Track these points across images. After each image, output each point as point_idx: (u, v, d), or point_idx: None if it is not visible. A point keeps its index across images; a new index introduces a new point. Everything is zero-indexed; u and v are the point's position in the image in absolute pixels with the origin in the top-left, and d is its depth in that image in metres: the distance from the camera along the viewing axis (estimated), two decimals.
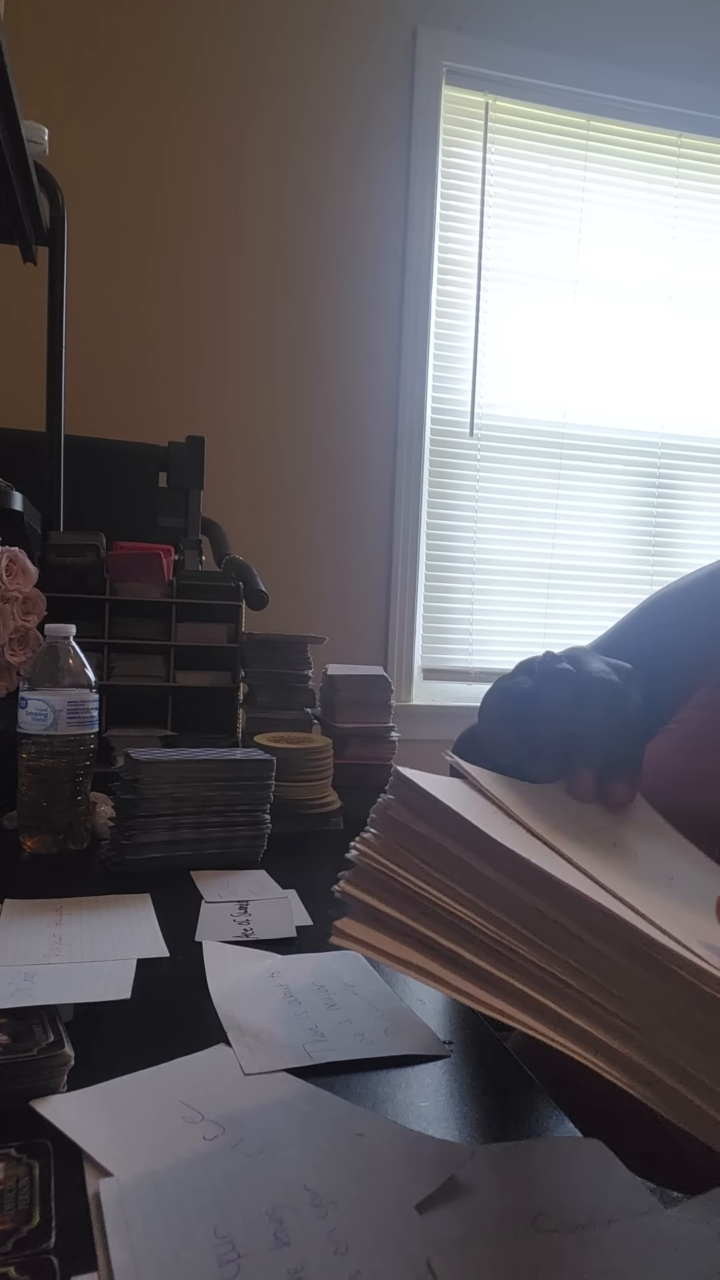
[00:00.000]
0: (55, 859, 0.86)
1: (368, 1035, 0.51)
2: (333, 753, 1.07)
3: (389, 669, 2.19)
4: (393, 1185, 0.37)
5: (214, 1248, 0.33)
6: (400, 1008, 0.55)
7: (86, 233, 1.94)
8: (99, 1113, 0.42)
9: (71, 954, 0.60)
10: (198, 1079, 0.46)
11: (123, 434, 1.77)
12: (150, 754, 0.86)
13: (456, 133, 2.30)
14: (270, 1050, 0.49)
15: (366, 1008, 0.55)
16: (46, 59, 1.99)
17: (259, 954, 0.64)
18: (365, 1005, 0.55)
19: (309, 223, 2.19)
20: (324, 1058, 0.48)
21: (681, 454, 2.48)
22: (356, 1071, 0.48)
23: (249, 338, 2.16)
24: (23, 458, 1.38)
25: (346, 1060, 0.48)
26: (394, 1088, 0.47)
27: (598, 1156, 0.40)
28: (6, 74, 0.88)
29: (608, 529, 2.44)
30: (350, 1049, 0.49)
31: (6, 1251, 0.33)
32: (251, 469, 2.15)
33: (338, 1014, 0.54)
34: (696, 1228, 0.35)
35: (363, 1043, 0.50)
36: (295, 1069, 0.47)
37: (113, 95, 2.05)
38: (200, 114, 2.11)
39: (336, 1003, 0.55)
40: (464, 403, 2.33)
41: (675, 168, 2.44)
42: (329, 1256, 0.33)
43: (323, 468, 2.21)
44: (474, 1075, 0.49)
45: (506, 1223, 0.35)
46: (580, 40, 2.32)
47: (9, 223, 1.19)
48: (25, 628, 0.98)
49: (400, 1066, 0.48)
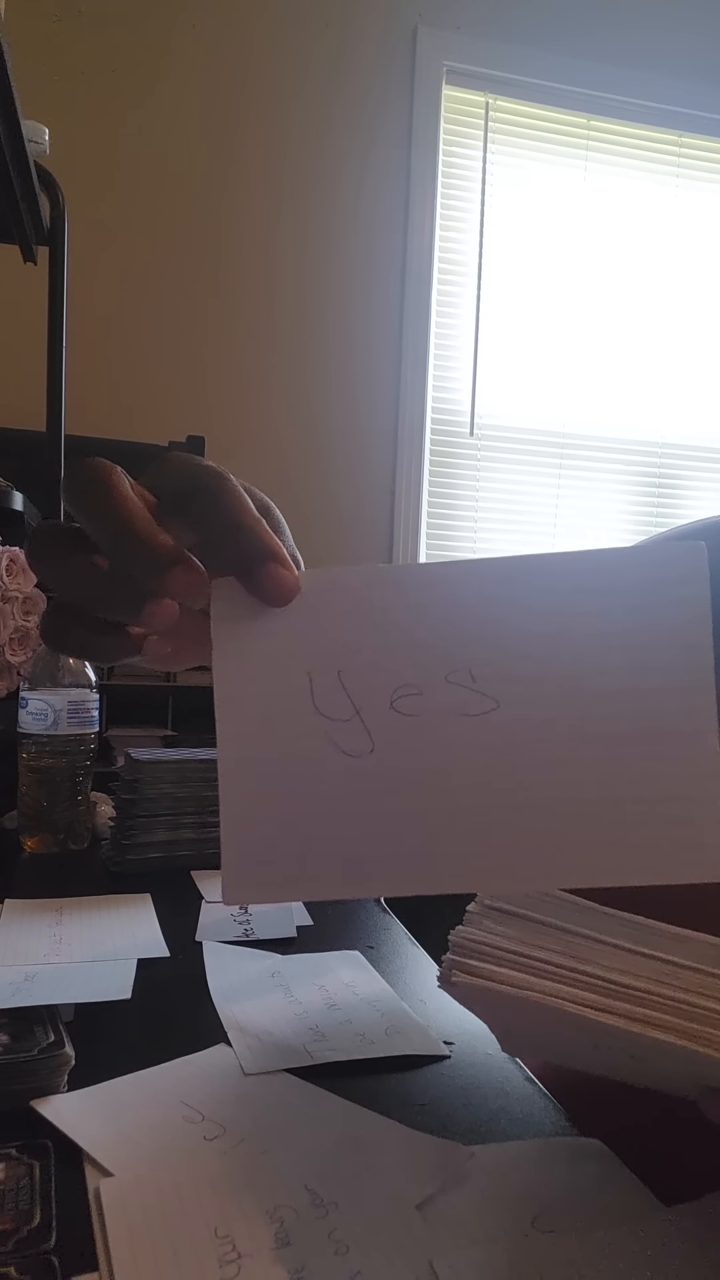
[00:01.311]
0: (55, 859, 0.86)
1: (369, 1035, 0.51)
2: None
3: None
4: (393, 1185, 0.37)
5: (214, 1248, 0.33)
6: (400, 1008, 0.55)
7: (86, 233, 1.94)
8: (99, 1113, 0.42)
9: (72, 954, 0.60)
10: (198, 1079, 0.46)
11: (123, 434, 1.77)
12: (150, 754, 0.86)
13: (456, 132, 2.30)
14: (271, 1050, 0.49)
15: (367, 1007, 0.55)
16: (46, 59, 1.99)
17: (259, 954, 0.64)
18: (365, 1005, 0.55)
19: (309, 222, 2.19)
20: (325, 1057, 0.48)
21: (682, 456, 2.48)
22: (356, 1072, 0.48)
23: (249, 337, 2.16)
24: (23, 458, 1.38)
25: (347, 1060, 0.48)
26: (394, 1088, 0.47)
27: (598, 1156, 0.40)
28: (6, 74, 0.88)
29: (608, 529, 2.44)
30: (351, 1049, 0.49)
31: (6, 1251, 0.33)
32: (251, 469, 2.13)
33: (338, 1013, 0.54)
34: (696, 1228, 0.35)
35: (364, 1043, 0.50)
36: (296, 1069, 0.47)
37: (113, 95, 2.05)
38: (200, 113, 2.11)
39: (336, 1002, 0.55)
40: (464, 403, 2.33)
41: (675, 168, 2.44)
42: (329, 1256, 0.33)
43: (323, 468, 2.21)
44: (474, 1075, 0.49)
45: (506, 1223, 0.35)
46: (580, 40, 2.32)
47: (9, 223, 1.19)
48: (25, 627, 0.98)
49: (401, 1068, 0.48)
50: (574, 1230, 0.35)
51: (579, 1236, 0.34)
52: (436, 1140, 0.41)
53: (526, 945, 0.33)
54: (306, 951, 0.65)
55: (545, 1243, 0.34)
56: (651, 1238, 0.34)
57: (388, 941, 0.69)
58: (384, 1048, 0.50)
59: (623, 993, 0.32)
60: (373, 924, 0.73)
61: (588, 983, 0.32)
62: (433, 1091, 0.47)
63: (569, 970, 0.32)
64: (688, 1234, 0.35)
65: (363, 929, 0.71)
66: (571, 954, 0.33)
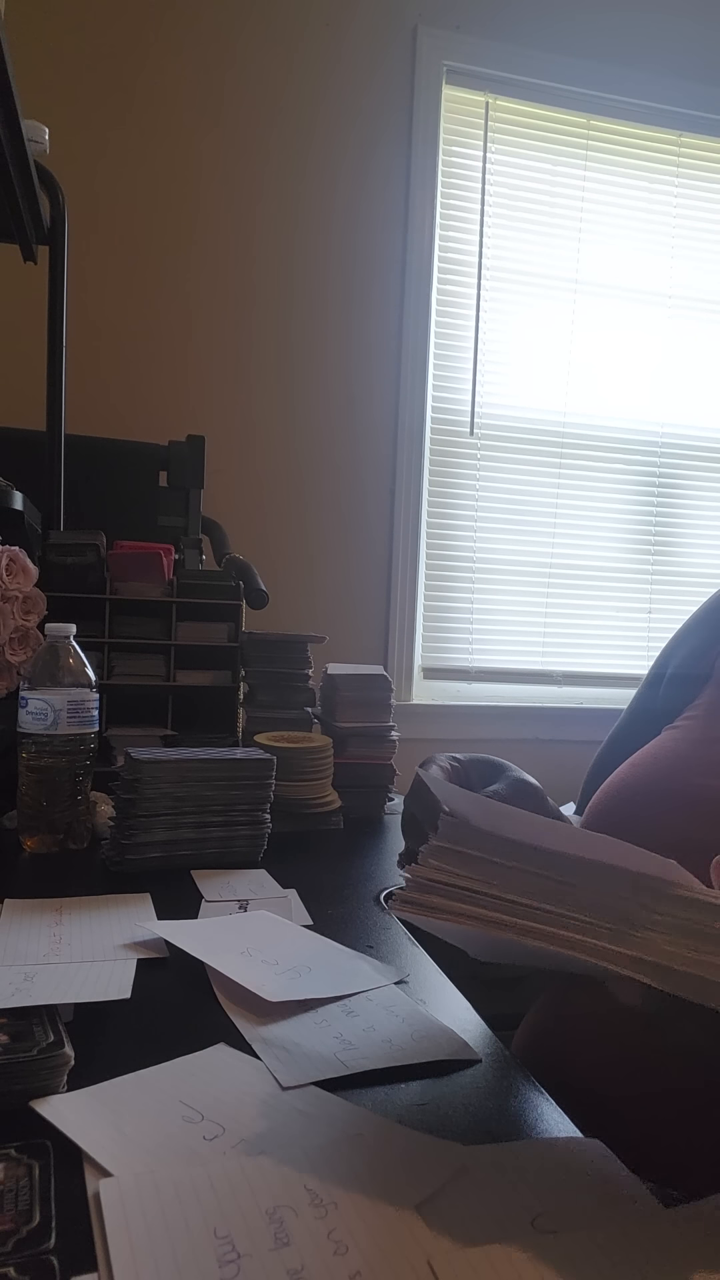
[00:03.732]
0: (55, 859, 0.86)
1: (395, 1041, 0.51)
2: (333, 752, 1.07)
3: (389, 668, 2.19)
4: (393, 1185, 0.37)
5: (214, 1248, 0.33)
6: (417, 1012, 0.55)
7: (86, 233, 1.95)
8: (99, 1113, 0.42)
9: (71, 954, 0.60)
10: (197, 1079, 0.46)
11: (123, 434, 1.77)
12: (150, 754, 0.86)
13: (456, 132, 2.30)
14: (302, 1062, 0.48)
15: (385, 1014, 0.54)
16: (46, 59, 1.99)
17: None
18: (383, 1011, 0.55)
19: (308, 222, 2.19)
20: (359, 1066, 0.47)
21: (682, 453, 2.48)
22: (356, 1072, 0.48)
23: (249, 337, 2.16)
24: (23, 458, 1.38)
25: (381, 1069, 0.47)
26: (394, 1088, 0.47)
27: (598, 1156, 0.40)
28: (7, 74, 0.88)
29: (608, 528, 2.44)
30: (383, 1056, 0.49)
31: (6, 1251, 0.33)
32: (251, 469, 2.14)
33: (358, 1021, 0.53)
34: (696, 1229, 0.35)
35: (392, 1049, 0.50)
36: (332, 1080, 0.46)
37: (113, 95, 2.05)
38: (200, 113, 2.11)
39: (354, 1009, 0.55)
40: (464, 402, 2.33)
41: (675, 168, 2.44)
42: (329, 1256, 0.33)
43: (323, 467, 2.21)
44: (474, 1075, 0.49)
45: (506, 1223, 0.35)
46: (580, 40, 2.32)
47: (9, 222, 1.19)
48: (25, 627, 0.98)
49: (433, 1075, 0.48)
50: (574, 1230, 0.35)
51: (579, 1236, 0.34)
52: (436, 1140, 0.41)
53: (457, 876, 0.40)
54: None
55: (545, 1243, 0.34)
56: (651, 1238, 0.34)
57: (388, 941, 0.69)
58: (415, 1054, 0.49)
59: (527, 911, 0.39)
60: (373, 924, 0.73)
61: (503, 904, 0.39)
62: (433, 1091, 0.47)
63: (488, 895, 0.40)
64: (687, 1235, 0.35)
65: (363, 929, 0.71)
66: (491, 879, 0.40)
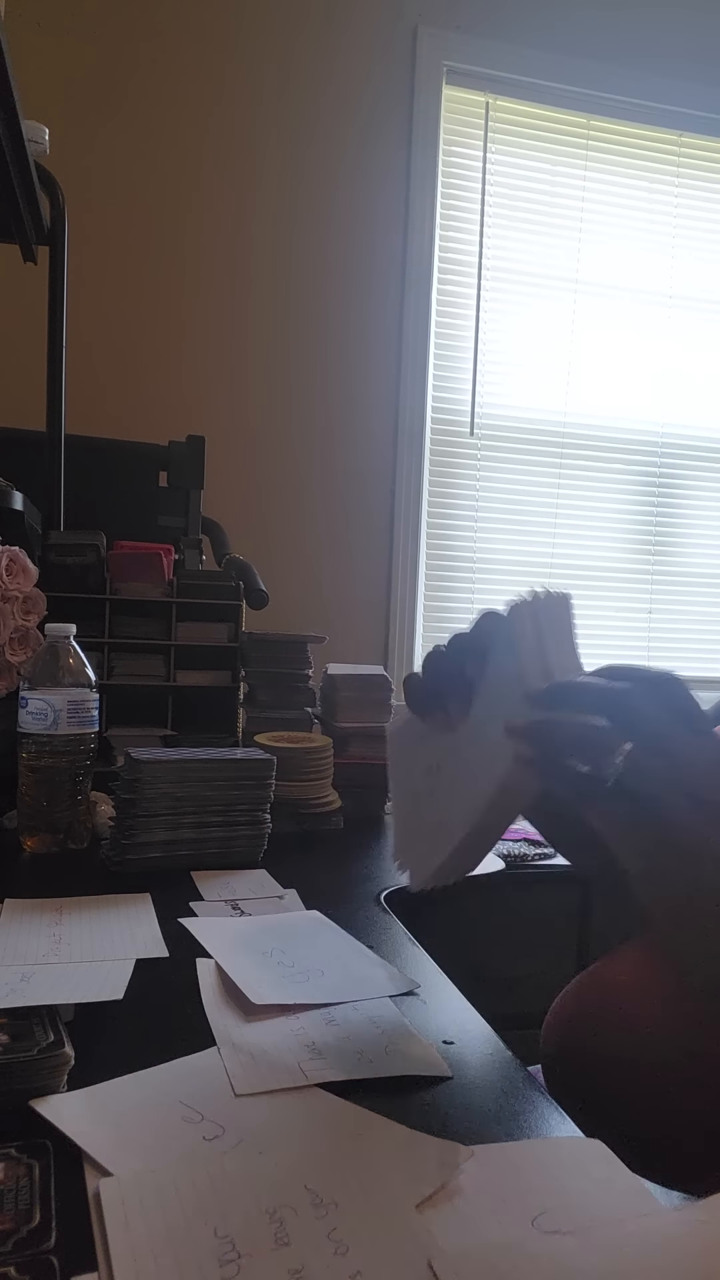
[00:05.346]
0: (55, 859, 0.86)
1: (367, 1054, 0.50)
2: (333, 752, 1.07)
3: (389, 669, 2.19)
4: (393, 1185, 0.37)
5: (214, 1248, 0.33)
6: (400, 1024, 0.54)
7: (86, 233, 1.94)
8: (99, 1113, 0.42)
9: (70, 954, 0.60)
10: (198, 1079, 0.46)
11: (123, 434, 1.76)
12: (150, 754, 0.86)
13: (457, 132, 2.30)
14: (262, 1068, 0.47)
15: (366, 1024, 0.53)
16: (46, 58, 1.99)
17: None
18: (366, 1021, 0.54)
19: (308, 222, 2.18)
20: (320, 1077, 0.47)
21: (682, 453, 2.48)
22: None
23: (249, 337, 2.16)
24: (23, 458, 1.38)
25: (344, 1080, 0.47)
26: (394, 1089, 0.47)
27: (598, 1156, 0.40)
28: (7, 74, 0.88)
29: (608, 528, 2.44)
30: (349, 1068, 0.48)
31: (6, 1251, 0.33)
32: (251, 469, 2.14)
33: (336, 1030, 0.52)
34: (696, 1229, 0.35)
35: (361, 1061, 0.49)
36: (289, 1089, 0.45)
37: (113, 95, 2.05)
38: (200, 113, 2.11)
39: (335, 1018, 0.54)
40: (464, 402, 2.33)
41: (675, 168, 2.44)
42: (329, 1256, 0.33)
43: (323, 467, 2.21)
44: (474, 1075, 0.49)
45: (506, 1223, 0.35)
46: (580, 40, 2.32)
47: (9, 222, 1.19)
48: (25, 627, 0.98)
49: (400, 1089, 0.47)
50: (574, 1230, 0.35)
51: (579, 1236, 0.34)
52: (436, 1140, 0.41)
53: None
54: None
55: (545, 1243, 0.34)
56: (651, 1238, 0.34)
57: (388, 941, 0.69)
58: (383, 1067, 0.48)
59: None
60: (373, 924, 0.73)
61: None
62: (433, 1091, 0.47)
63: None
64: (688, 1235, 0.35)
65: (363, 929, 0.71)
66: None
